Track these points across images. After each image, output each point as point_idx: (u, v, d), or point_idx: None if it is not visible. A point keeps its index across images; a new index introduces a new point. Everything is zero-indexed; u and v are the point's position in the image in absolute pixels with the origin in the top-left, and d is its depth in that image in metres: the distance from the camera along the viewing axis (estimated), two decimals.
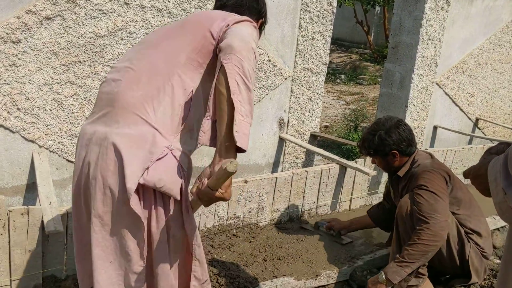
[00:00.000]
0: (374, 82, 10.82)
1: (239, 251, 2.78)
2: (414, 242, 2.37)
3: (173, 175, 1.47)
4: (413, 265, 2.38)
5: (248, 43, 1.42)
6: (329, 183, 3.46)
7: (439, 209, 2.39)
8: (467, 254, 2.54)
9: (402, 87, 4.62)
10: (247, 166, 3.66)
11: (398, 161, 2.66)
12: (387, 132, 2.60)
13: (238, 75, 1.38)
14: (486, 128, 5.45)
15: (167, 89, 1.52)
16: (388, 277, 2.38)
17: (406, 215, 2.48)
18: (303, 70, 3.76)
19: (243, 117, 1.38)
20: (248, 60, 1.40)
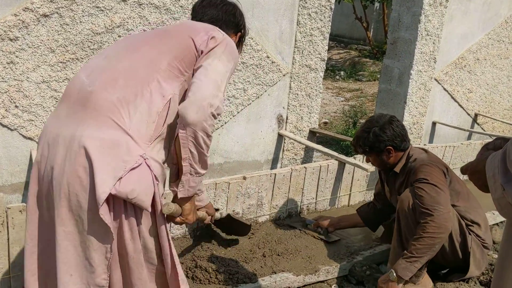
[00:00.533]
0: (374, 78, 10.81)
1: (238, 247, 2.79)
2: (420, 236, 2.37)
3: (146, 186, 1.45)
4: (422, 259, 2.38)
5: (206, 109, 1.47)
6: (328, 179, 3.46)
7: (441, 201, 2.40)
8: (469, 246, 2.55)
9: (401, 83, 4.62)
10: (246, 162, 3.66)
11: (394, 157, 2.66)
12: (381, 128, 2.61)
13: (192, 144, 1.48)
14: (485, 123, 5.45)
15: (145, 95, 1.48)
16: (399, 274, 2.37)
17: (408, 210, 2.48)
18: (302, 66, 3.76)
19: (192, 175, 1.55)
20: (204, 130, 1.48)
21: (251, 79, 3.48)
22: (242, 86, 3.46)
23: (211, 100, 1.48)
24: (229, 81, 1.76)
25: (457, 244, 2.55)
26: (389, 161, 2.68)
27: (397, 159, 2.67)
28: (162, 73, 1.52)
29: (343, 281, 2.76)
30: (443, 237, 2.38)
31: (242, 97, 3.48)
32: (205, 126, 1.47)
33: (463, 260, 2.60)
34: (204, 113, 1.46)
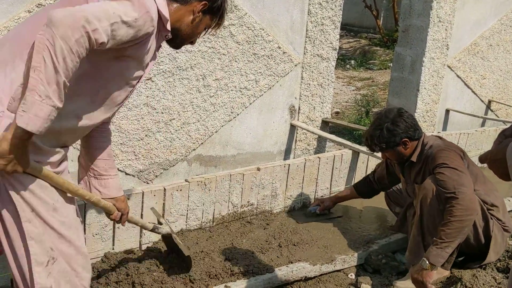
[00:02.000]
0: (385, 66, 10.72)
1: (254, 238, 2.81)
2: (448, 220, 2.34)
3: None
4: (453, 243, 2.34)
5: (78, 19, 1.26)
6: (342, 169, 3.46)
7: (465, 183, 2.38)
8: (491, 230, 2.54)
9: (413, 70, 4.59)
10: (259, 154, 3.68)
11: (410, 147, 2.65)
12: (393, 122, 2.60)
13: (47, 51, 1.24)
14: (499, 110, 5.40)
15: (24, 57, 1.38)
16: (431, 261, 2.34)
17: (432, 198, 2.46)
18: (313, 56, 3.74)
19: (40, 97, 1.25)
20: (66, 39, 1.25)
21: (262, 70, 3.49)
22: (254, 77, 3.46)
23: (90, 17, 1.27)
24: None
25: (480, 230, 2.54)
26: (406, 152, 2.67)
27: (413, 149, 2.67)
28: None
29: (359, 269, 2.77)
30: (471, 219, 2.36)
31: (254, 88, 3.49)
32: (69, 36, 1.24)
33: (485, 245, 2.59)
34: (74, 21, 1.25)
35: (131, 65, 1.53)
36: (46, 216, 1.45)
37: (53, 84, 1.27)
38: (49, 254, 1.45)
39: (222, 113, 3.37)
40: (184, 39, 1.64)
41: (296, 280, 2.53)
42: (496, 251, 2.61)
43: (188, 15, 1.58)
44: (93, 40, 1.29)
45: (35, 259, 1.42)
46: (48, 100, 1.26)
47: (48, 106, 1.27)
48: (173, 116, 3.14)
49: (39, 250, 1.42)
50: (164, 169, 3.23)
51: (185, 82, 3.12)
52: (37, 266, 1.42)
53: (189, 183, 2.76)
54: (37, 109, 1.25)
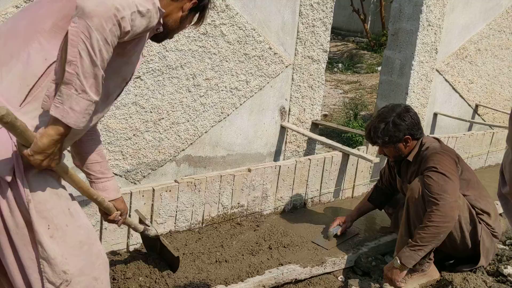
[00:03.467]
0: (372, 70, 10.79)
1: (244, 240, 2.77)
2: (425, 225, 2.38)
3: (2, 151, 1.27)
4: (426, 248, 2.38)
5: (109, 7, 1.22)
6: (332, 170, 3.45)
7: (448, 190, 2.39)
8: (479, 235, 2.54)
9: (402, 74, 4.60)
10: (249, 155, 3.64)
11: (410, 146, 2.64)
12: (400, 117, 2.58)
13: (83, 44, 1.21)
14: (485, 114, 5.45)
15: (22, 56, 1.33)
16: (403, 261, 2.38)
17: (418, 198, 2.47)
18: (304, 57, 3.73)
19: (77, 91, 1.23)
20: (100, 29, 1.21)
21: (253, 70, 3.46)
22: (245, 78, 3.43)
23: (118, 5, 1.23)
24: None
25: (467, 233, 2.55)
26: (405, 151, 2.65)
27: (411, 148, 2.66)
28: (46, 34, 1.34)
29: (349, 272, 2.76)
30: (448, 226, 2.38)
31: (245, 89, 3.45)
32: (104, 27, 1.21)
33: (473, 249, 2.59)
34: (106, 10, 1.21)
35: (129, 60, 1.49)
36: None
37: (91, 78, 1.25)
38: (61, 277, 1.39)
39: (212, 113, 3.33)
40: (167, 34, 1.62)
41: (287, 283, 2.51)
42: (485, 256, 2.62)
43: (177, 12, 1.57)
44: (122, 28, 1.27)
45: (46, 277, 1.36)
46: (84, 94, 1.25)
47: (85, 100, 1.25)
48: (162, 115, 3.09)
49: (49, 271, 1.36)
50: (152, 169, 3.17)
51: (175, 81, 3.08)
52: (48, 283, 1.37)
53: (178, 184, 2.71)
54: (73, 103, 1.23)
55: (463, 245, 2.57)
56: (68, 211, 1.42)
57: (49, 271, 1.36)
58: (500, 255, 2.82)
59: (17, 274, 1.35)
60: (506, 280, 2.53)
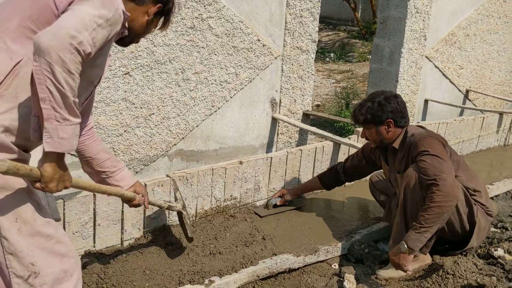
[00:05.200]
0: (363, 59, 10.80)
1: (238, 231, 2.80)
2: (428, 206, 2.38)
3: None
4: (431, 229, 2.38)
5: (64, 38, 1.25)
6: (324, 160, 3.47)
7: (445, 169, 2.41)
8: (476, 216, 2.58)
9: (392, 62, 4.62)
10: (241, 147, 3.66)
11: (392, 132, 2.67)
12: (386, 99, 2.64)
13: (49, 80, 1.26)
14: (476, 99, 5.48)
15: (9, 44, 1.35)
16: (409, 245, 2.39)
17: (415, 186, 2.49)
18: (293, 48, 3.74)
19: (59, 122, 1.31)
20: (60, 62, 1.25)
21: (242, 63, 3.46)
22: (234, 71, 3.44)
23: (72, 32, 1.26)
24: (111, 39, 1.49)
25: (464, 216, 2.57)
26: (387, 136, 2.67)
27: (395, 136, 2.68)
28: (11, 33, 1.36)
29: (342, 260, 2.79)
30: (451, 205, 2.39)
31: (235, 81, 3.46)
32: (63, 59, 1.25)
33: (470, 232, 2.62)
34: (61, 42, 1.24)
35: (94, 63, 1.50)
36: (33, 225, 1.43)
37: (66, 107, 1.31)
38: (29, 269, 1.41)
39: (203, 107, 3.34)
40: (133, 39, 1.66)
41: (280, 272, 2.53)
42: (478, 236, 2.65)
43: (142, 16, 1.61)
44: (82, 52, 1.31)
45: (13, 272, 1.39)
46: (66, 122, 1.32)
47: (69, 126, 1.33)
48: (152, 111, 3.10)
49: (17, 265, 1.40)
50: (145, 164, 3.19)
51: (164, 76, 3.08)
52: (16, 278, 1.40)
53: (170, 178, 2.72)
54: (60, 133, 1.32)
55: (461, 228, 2.60)
56: (38, 207, 1.45)
57: (16, 265, 1.38)
58: (491, 238, 2.85)
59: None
60: (496, 263, 2.57)
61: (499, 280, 2.35)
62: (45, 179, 1.35)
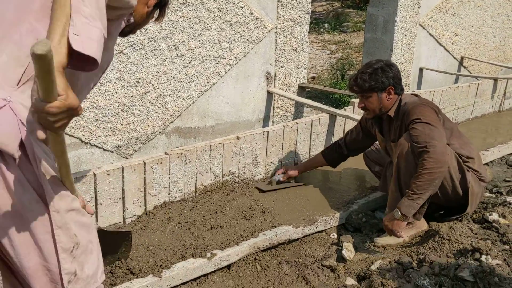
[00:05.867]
0: (358, 28, 10.70)
1: (237, 206, 2.85)
2: (419, 173, 2.44)
3: (8, 129, 1.28)
4: (423, 195, 2.45)
5: None
6: (320, 133, 3.50)
7: (435, 136, 2.46)
8: (468, 181, 2.63)
9: (386, 31, 4.60)
10: (238, 123, 3.68)
11: (391, 100, 2.69)
12: (387, 65, 2.68)
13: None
14: (471, 66, 5.48)
15: (14, 37, 1.34)
16: (403, 212, 2.46)
17: (407, 153, 2.53)
18: (286, 21, 3.71)
19: (87, 19, 1.15)
20: None
21: (236, 37, 3.45)
22: (228, 45, 3.42)
23: None
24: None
25: (457, 182, 2.62)
26: (386, 103, 2.69)
27: (392, 104, 2.71)
28: (35, 14, 1.34)
29: (341, 229, 2.85)
30: (442, 171, 2.45)
31: (229, 56, 3.45)
32: None
33: (464, 197, 2.68)
34: None
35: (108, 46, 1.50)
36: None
37: (96, 9, 1.18)
38: (73, 241, 1.45)
39: (198, 84, 3.34)
40: (132, 29, 1.67)
41: (280, 243, 2.59)
42: (472, 202, 2.70)
43: (143, 7, 1.63)
44: None
45: (61, 246, 1.41)
46: (95, 22, 1.17)
47: (97, 29, 1.18)
48: (147, 89, 3.10)
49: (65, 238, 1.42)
50: (143, 143, 3.21)
51: (158, 53, 3.07)
52: (63, 253, 1.42)
53: (169, 156, 2.75)
54: (89, 31, 1.15)
55: (454, 194, 2.65)
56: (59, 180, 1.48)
57: (64, 239, 1.41)
58: (486, 203, 2.91)
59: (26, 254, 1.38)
60: (491, 227, 2.63)
61: (493, 243, 2.42)
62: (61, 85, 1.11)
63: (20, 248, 1.37)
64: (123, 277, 2.18)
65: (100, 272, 1.60)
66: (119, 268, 2.22)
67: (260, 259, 2.50)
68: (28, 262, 1.39)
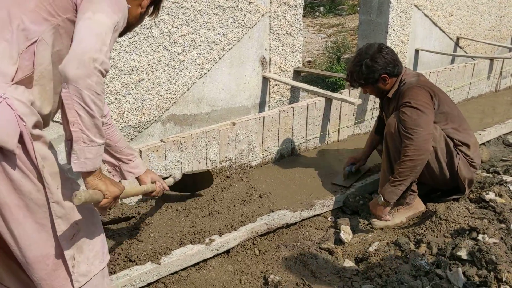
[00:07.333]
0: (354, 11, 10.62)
1: (235, 191, 2.85)
2: (401, 160, 2.51)
3: (7, 125, 1.34)
4: (405, 181, 2.51)
5: (88, 64, 1.33)
6: (316, 117, 3.49)
7: (421, 123, 2.49)
8: (456, 165, 2.64)
9: (381, 12, 4.56)
10: (234, 109, 3.66)
11: (389, 83, 2.69)
12: (372, 59, 2.61)
13: (78, 105, 1.36)
14: (467, 46, 5.45)
15: (6, 35, 1.40)
16: (386, 198, 2.53)
17: (395, 133, 2.57)
18: (280, 4, 3.67)
19: (86, 143, 1.40)
20: (88, 87, 1.35)
21: (229, 22, 3.41)
22: (221, 31, 3.39)
23: (94, 54, 1.35)
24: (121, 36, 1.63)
25: (444, 164, 2.64)
26: (386, 88, 2.71)
27: (391, 86, 2.71)
28: (29, 13, 1.42)
29: (338, 212, 2.86)
30: (423, 159, 2.50)
31: (223, 42, 3.42)
32: (90, 83, 1.35)
33: (451, 180, 2.69)
34: (86, 68, 1.34)
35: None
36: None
37: (93, 128, 1.40)
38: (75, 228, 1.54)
39: (192, 70, 3.32)
40: (127, 30, 1.70)
41: (278, 228, 2.60)
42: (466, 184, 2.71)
43: (136, 9, 1.67)
44: (104, 71, 1.40)
45: (61, 235, 1.49)
46: (92, 143, 1.41)
47: (94, 147, 1.42)
48: (141, 76, 3.08)
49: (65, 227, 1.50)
50: (139, 131, 3.20)
51: (151, 40, 3.04)
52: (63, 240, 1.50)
53: (164, 143, 2.75)
54: (86, 153, 1.42)
55: (441, 175, 2.67)
56: (65, 171, 1.55)
57: (64, 227, 1.50)
58: (483, 183, 2.92)
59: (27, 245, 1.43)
60: (488, 206, 2.64)
61: (490, 222, 2.43)
62: (105, 191, 1.49)
63: (21, 239, 1.42)
64: (122, 265, 2.19)
65: (105, 252, 1.69)
66: (118, 256, 2.23)
67: (259, 244, 2.51)
68: (29, 252, 1.44)
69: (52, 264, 1.49)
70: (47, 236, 1.47)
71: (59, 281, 1.51)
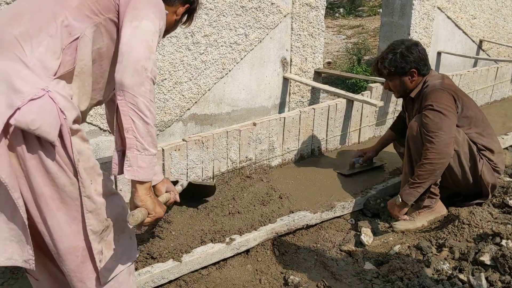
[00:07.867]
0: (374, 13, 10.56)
1: (255, 192, 2.86)
2: (422, 162, 2.49)
3: (50, 118, 1.37)
4: (424, 184, 2.50)
5: (141, 72, 1.39)
6: (337, 118, 3.48)
7: (443, 127, 2.46)
8: (480, 170, 2.60)
9: (403, 14, 4.52)
10: (254, 109, 3.67)
11: (415, 81, 2.67)
12: (408, 49, 2.61)
13: (133, 111, 1.40)
14: (490, 49, 5.37)
15: (50, 30, 1.43)
16: (403, 199, 2.53)
17: (417, 136, 2.55)
18: (302, 5, 3.67)
19: (139, 151, 1.43)
20: (143, 94, 1.40)
21: (251, 23, 3.43)
22: (243, 31, 3.41)
23: (145, 63, 1.41)
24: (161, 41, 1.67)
25: (467, 168, 2.60)
26: (410, 85, 2.68)
27: (416, 85, 2.69)
28: (72, 10, 1.46)
29: (359, 215, 2.85)
30: (443, 162, 2.47)
31: (244, 42, 3.44)
32: (145, 91, 1.40)
33: (475, 185, 2.65)
34: (140, 77, 1.40)
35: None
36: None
37: (147, 137, 1.44)
38: (104, 224, 1.56)
39: (214, 70, 3.34)
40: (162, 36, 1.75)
41: (298, 229, 2.60)
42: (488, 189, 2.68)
43: (172, 15, 1.72)
44: (154, 78, 1.45)
45: (90, 229, 1.52)
46: (145, 151, 1.44)
47: (148, 156, 1.45)
48: (164, 76, 3.11)
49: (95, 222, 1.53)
50: (160, 130, 3.23)
51: (174, 40, 3.07)
52: (92, 235, 1.53)
53: (186, 142, 2.77)
54: (139, 162, 1.44)
55: (464, 179, 2.63)
56: (99, 167, 1.58)
57: (93, 222, 1.52)
58: (506, 187, 2.88)
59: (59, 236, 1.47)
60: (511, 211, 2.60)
61: None
62: (151, 210, 1.51)
63: (54, 230, 1.47)
64: (144, 262, 2.21)
65: (133, 250, 1.72)
66: (140, 253, 2.26)
67: (278, 244, 2.51)
68: (61, 244, 1.49)
69: (81, 256, 1.53)
70: (77, 229, 1.50)
71: (87, 274, 1.55)
